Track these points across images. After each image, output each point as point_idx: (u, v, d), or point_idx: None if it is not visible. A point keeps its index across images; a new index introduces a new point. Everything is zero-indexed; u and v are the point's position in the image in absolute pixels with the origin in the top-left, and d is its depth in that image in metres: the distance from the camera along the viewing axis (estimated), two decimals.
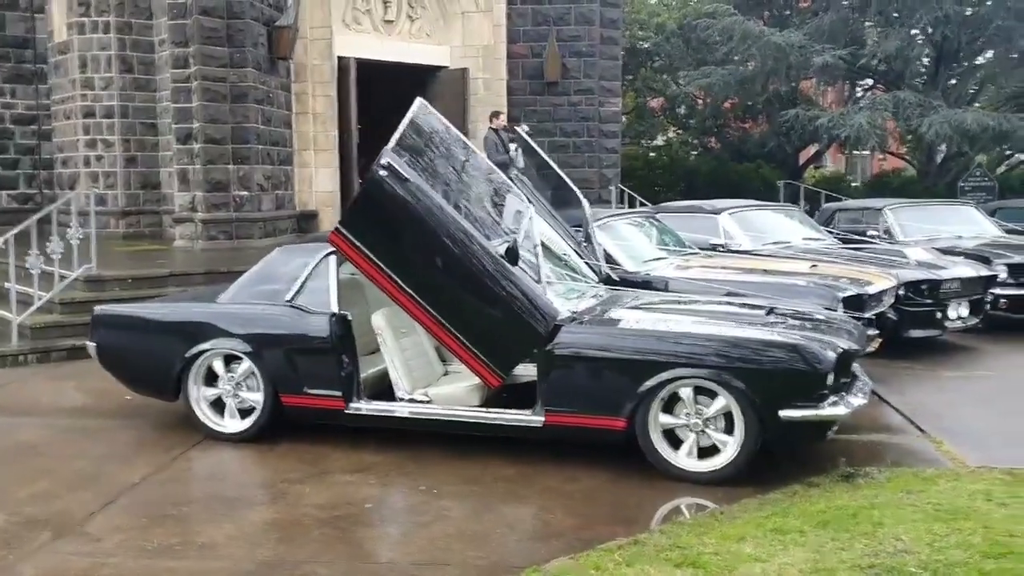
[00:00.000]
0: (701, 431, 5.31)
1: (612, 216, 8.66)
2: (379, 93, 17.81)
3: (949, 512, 4.59)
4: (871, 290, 7.37)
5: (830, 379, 5.11)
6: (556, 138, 16.62)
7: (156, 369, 6.26)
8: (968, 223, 11.73)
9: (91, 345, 6.53)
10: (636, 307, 5.91)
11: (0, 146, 16.57)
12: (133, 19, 14.28)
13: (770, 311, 5.90)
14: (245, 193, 13.04)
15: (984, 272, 9.35)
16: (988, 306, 9.35)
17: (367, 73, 15.33)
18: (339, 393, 5.85)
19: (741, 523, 4.61)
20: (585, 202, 7.36)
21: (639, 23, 25.92)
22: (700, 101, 26.47)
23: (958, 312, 9.02)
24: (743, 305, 6.11)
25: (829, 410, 5.11)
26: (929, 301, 8.74)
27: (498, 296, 5.28)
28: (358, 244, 5.21)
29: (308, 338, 5.91)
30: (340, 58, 14.86)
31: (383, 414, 5.86)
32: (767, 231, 10.06)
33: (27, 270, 9.13)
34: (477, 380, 5.66)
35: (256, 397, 6.06)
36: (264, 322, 6.04)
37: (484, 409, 5.67)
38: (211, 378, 6.20)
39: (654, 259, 8.00)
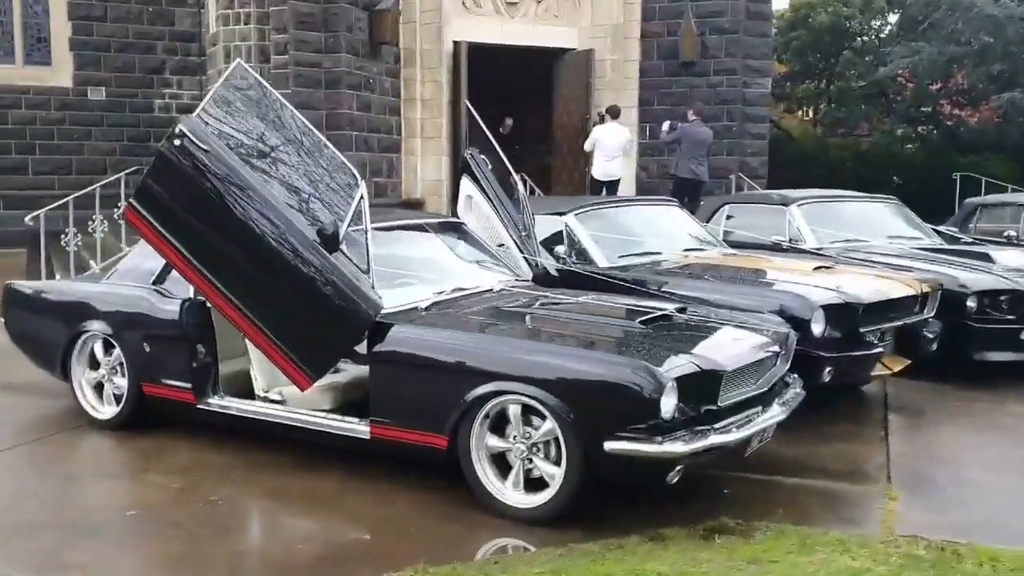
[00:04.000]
0: (527, 458, 4.38)
1: (609, 204, 7.62)
2: (503, 79, 17.30)
3: None
4: (870, 298, 5.93)
5: (666, 408, 4.03)
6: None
7: (48, 348, 6.08)
8: None
9: (0, 320, 6.49)
10: (506, 309, 4.97)
11: (166, 135, 17.53)
12: (271, 7, 14.52)
13: (654, 320, 4.77)
14: None
15: None
16: None
17: (487, 58, 14.81)
18: (189, 386, 5.37)
19: None
20: (522, 189, 6.45)
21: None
22: (909, 84, 23.76)
23: None
24: (633, 310, 4.98)
25: (662, 446, 4.03)
26: (1010, 317, 7.05)
27: (312, 286, 4.60)
28: (150, 219, 4.67)
29: (161, 323, 5.48)
30: (455, 43, 14.41)
31: (234, 413, 5.33)
32: (845, 227, 8.56)
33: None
34: (333, 379, 5.03)
35: (124, 383, 5.72)
36: (125, 304, 5.69)
37: (317, 414, 4.99)
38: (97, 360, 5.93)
39: (643, 254, 6.89)
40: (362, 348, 4.77)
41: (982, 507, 4.69)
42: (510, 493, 4.42)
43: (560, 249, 6.77)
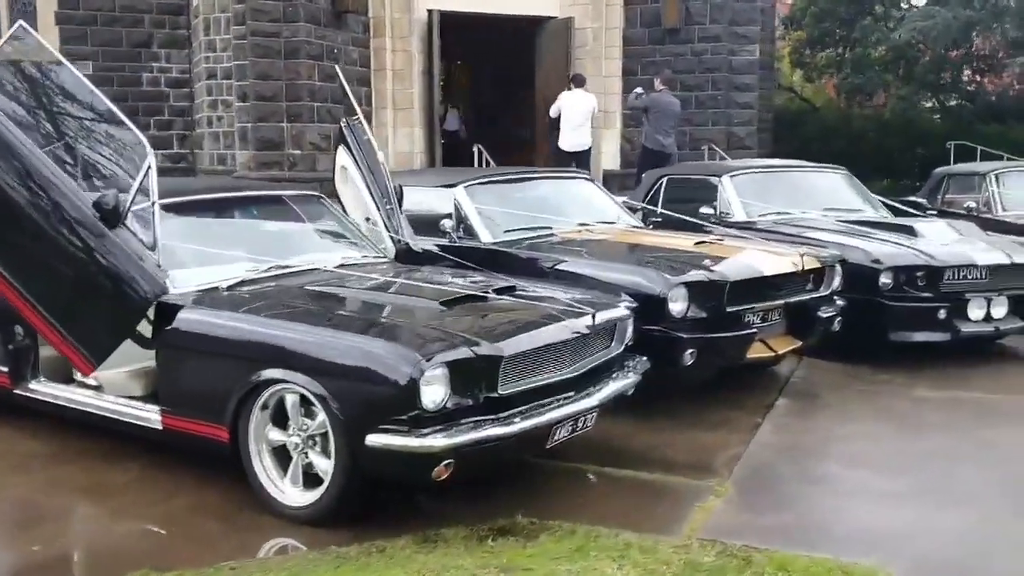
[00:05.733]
0: (303, 452, 4.09)
1: (507, 177, 7.23)
2: (483, 48, 16.91)
3: None
4: (739, 275, 5.49)
5: (429, 397, 3.70)
6: (676, 92, 14.72)
7: None
8: None
9: None
10: (315, 290, 4.63)
11: (156, 108, 17.33)
12: None
13: (460, 301, 4.41)
14: (297, 152, 12.67)
15: None
16: None
17: (465, 27, 14.44)
18: (6, 369, 5.15)
19: None
20: (382, 158, 6.09)
21: None
22: (930, 51, 22.75)
23: (987, 311, 6.71)
24: (446, 290, 4.61)
25: (422, 440, 3.70)
26: (927, 295, 6.56)
27: (89, 265, 4.34)
28: None
29: None
30: (429, 12, 14.03)
31: (52, 400, 5.08)
32: (782, 198, 8.08)
33: None
34: (148, 364, 4.76)
35: None
36: None
37: (113, 401, 4.73)
38: None
39: (532, 229, 6.50)
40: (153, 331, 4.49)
41: (813, 507, 4.31)
42: (289, 489, 4.14)
43: (448, 223, 6.44)
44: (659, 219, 8.26)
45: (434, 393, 3.72)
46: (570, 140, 12.85)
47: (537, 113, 15.18)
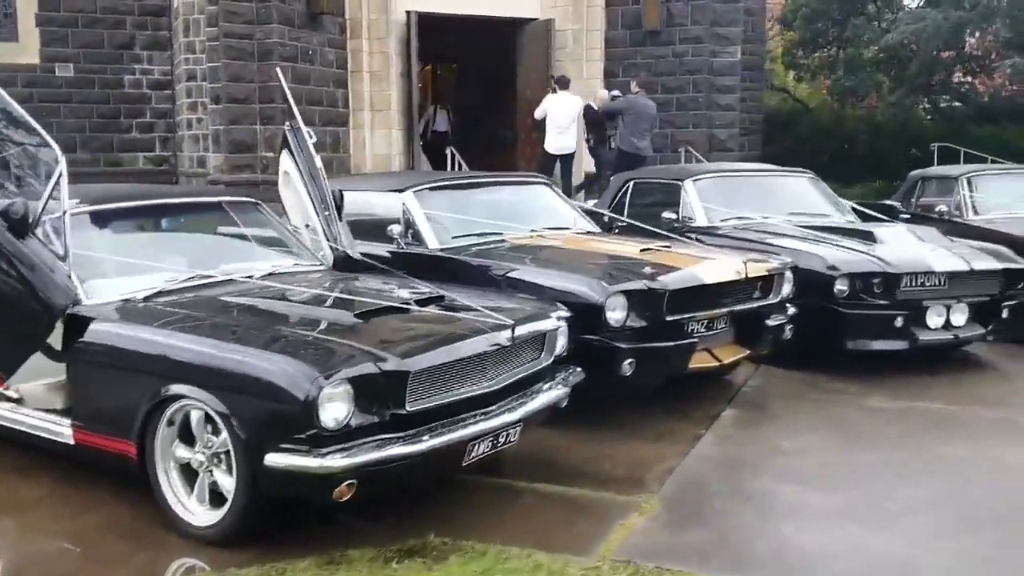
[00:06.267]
0: (209, 470, 3.96)
1: (459, 182, 7.10)
2: (468, 49, 16.77)
3: None
4: (679, 284, 5.34)
5: (328, 415, 3.57)
6: (657, 95, 14.59)
7: None
8: None
9: None
10: (231, 301, 4.49)
11: (138, 110, 17.24)
12: None
13: (379, 312, 4.28)
14: (270, 155, 12.54)
15: (999, 265, 6.76)
16: (1005, 312, 6.76)
17: (449, 28, 14.32)
18: None
19: None
20: (319, 164, 5.94)
21: None
22: (918, 52, 22.57)
23: (946, 318, 6.56)
24: (366, 301, 4.47)
25: (320, 460, 3.57)
26: (883, 302, 6.42)
27: None
28: None
29: None
30: (407, 13, 13.91)
31: None
32: (745, 203, 7.94)
33: None
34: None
35: None
36: None
37: (24, 414, 4.60)
38: None
39: (482, 235, 6.36)
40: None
41: (738, 525, 4.16)
42: (195, 508, 4.01)
43: (396, 229, 6.32)
44: (623, 224, 8.15)
45: (335, 411, 3.59)
46: (555, 143, 12.76)
47: (518, 115, 15.07)
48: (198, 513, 4.00)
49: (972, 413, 5.83)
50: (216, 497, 3.98)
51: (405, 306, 4.35)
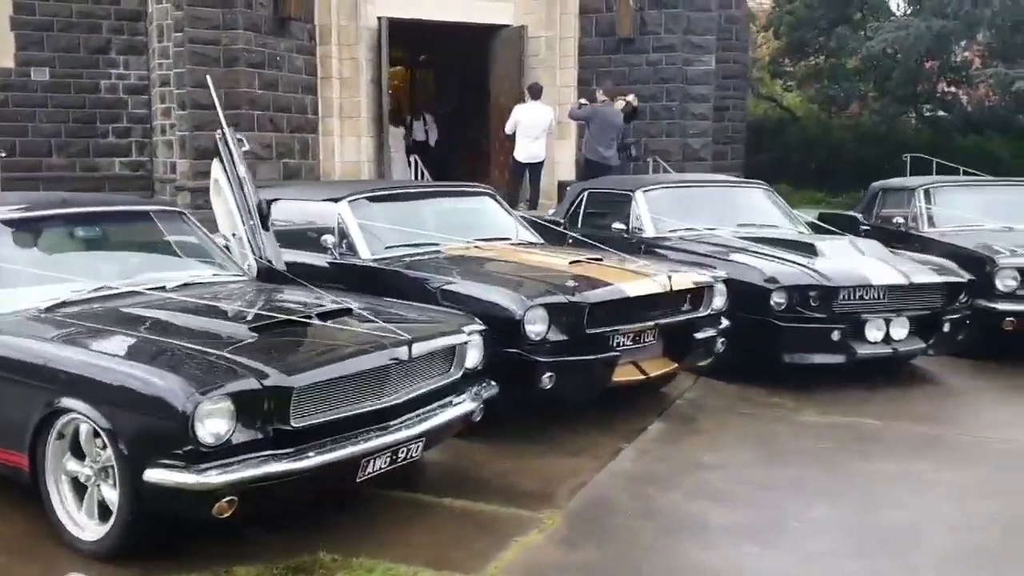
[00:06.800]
0: (97, 485, 3.91)
1: (400, 191, 7.06)
2: (447, 57, 16.74)
3: None
4: (600, 297, 5.30)
5: (205, 431, 3.51)
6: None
7: None
8: None
9: None
10: (130, 313, 4.43)
11: (115, 115, 17.15)
12: None
13: (275, 325, 4.23)
14: None
15: (939, 279, 6.71)
16: (947, 326, 6.70)
17: (424, 34, 14.28)
18: None
19: None
20: (243, 172, 5.90)
21: None
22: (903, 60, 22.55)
23: (887, 332, 6.51)
24: (261, 314, 4.42)
25: (198, 477, 3.52)
26: (821, 315, 6.37)
27: None
28: None
29: None
30: (379, 19, 13.87)
31: None
32: (695, 214, 7.90)
33: None
34: None
35: None
36: None
37: None
38: None
39: (416, 246, 6.30)
40: None
41: (634, 543, 4.11)
42: (84, 522, 3.96)
43: (330, 239, 6.28)
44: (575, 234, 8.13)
45: (214, 427, 3.54)
46: (527, 151, 12.73)
47: (492, 122, 15.04)
48: (87, 527, 3.95)
49: (902, 429, 5.78)
50: (105, 512, 3.92)
51: (306, 320, 4.29)
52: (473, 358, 4.68)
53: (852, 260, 6.70)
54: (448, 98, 17.81)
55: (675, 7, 14.46)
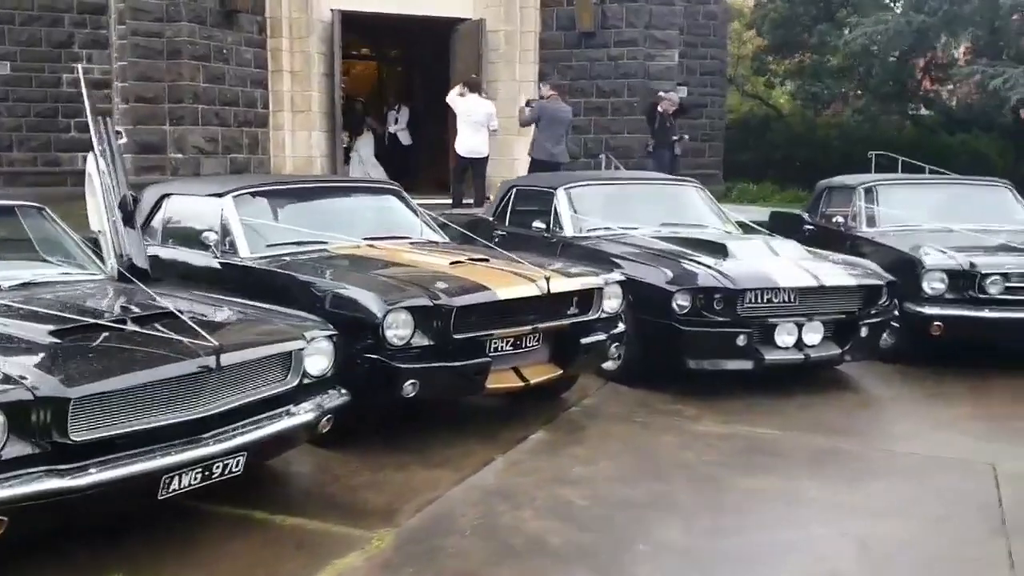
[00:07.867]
0: None
1: (291, 186, 6.77)
2: (410, 51, 16.47)
3: None
4: (469, 301, 4.99)
5: None
6: (592, 98, 14.33)
7: None
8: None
9: None
10: None
11: (76, 109, 16.89)
12: None
13: (78, 330, 3.94)
14: (180, 156, 12.25)
15: (852, 281, 6.39)
16: (864, 331, 6.38)
17: (384, 29, 13.99)
18: None
19: None
20: (103, 166, 5.61)
21: None
22: (889, 58, 22.17)
23: (799, 337, 6.20)
24: (70, 318, 4.12)
25: None
26: (724, 319, 6.06)
27: None
28: None
29: None
30: (332, 11, 13.59)
31: None
32: (617, 212, 7.59)
33: None
34: None
35: None
36: None
37: None
38: None
39: (300, 244, 6.01)
40: None
41: (460, 568, 3.80)
42: None
43: (211, 236, 6.00)
44: (503, 233, 7.85)
45: None
46: (467, 145, 12.37)
47: (450, 117, 14.74)
48: None
49: (801, 441, 5.46)
50: None
51: (113, 325, 4.01)
52: (318, 365, 4.39)
53: (762, 261, 6.38)
54: (414, 93, 17.54)
55: (636, 0, 14.15)
